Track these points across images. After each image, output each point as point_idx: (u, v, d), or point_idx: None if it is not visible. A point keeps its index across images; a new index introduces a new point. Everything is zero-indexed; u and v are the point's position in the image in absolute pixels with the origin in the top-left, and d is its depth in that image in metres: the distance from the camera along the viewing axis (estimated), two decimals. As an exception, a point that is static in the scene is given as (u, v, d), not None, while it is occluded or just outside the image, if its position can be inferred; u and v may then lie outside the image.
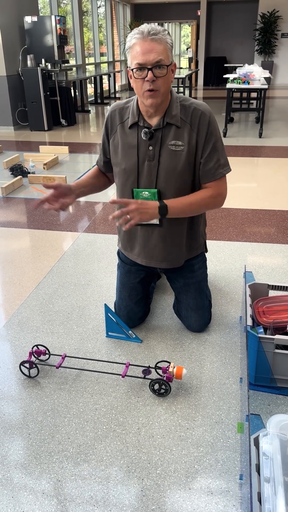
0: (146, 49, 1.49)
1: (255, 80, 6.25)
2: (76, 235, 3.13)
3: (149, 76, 1.51)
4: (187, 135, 1.66)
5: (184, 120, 1.66)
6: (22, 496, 1.30)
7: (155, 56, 1.49)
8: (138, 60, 1.51)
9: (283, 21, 13.78)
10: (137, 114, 1.68)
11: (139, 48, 1.50)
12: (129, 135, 1.72)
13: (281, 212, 3.49)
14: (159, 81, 1.54)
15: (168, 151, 1.68)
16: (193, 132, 1.66)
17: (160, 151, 1.68)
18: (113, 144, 1.77)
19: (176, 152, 1.67)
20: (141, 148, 1.70)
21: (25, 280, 2.52)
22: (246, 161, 5.09)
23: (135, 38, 1.51)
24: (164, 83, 1.55)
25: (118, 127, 1.74)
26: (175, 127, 1.66)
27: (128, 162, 1.73)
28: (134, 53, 1.52)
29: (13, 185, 4.18)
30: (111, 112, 1.76)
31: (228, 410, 1.59)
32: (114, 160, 1.79)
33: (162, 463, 1.40)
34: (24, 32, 7.15)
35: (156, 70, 1.51)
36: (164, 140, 1.68)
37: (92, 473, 1.37)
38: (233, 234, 3.08)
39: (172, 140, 1.67)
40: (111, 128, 1.77)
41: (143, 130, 1.68)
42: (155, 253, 1.86)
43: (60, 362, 1.76)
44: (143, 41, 1.49)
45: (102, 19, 12.16)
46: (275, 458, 1.07)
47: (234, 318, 2.13)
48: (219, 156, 1.69)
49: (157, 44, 1.49)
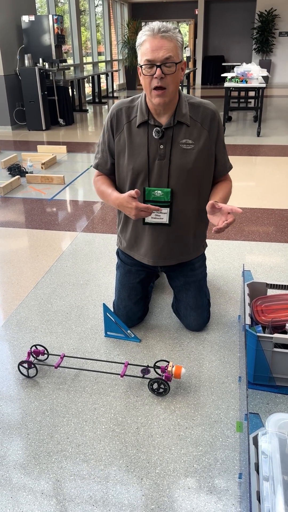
0: (156, 46, 1.49)
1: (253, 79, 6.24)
2: (75, 235, 3.12)
3: (157, 73, 1.51)
4: (198, 134, 1.68)
5: (194, 119, 1.68)
6: (21, 496, 1.30)
7: (164, 53, 1.49)
8: (147, 56, 1.51)
9: (280, 19, 13.78)
10: (147, 112, 1.67)
11: (148, 45, 1.50)
12: (137, 134, 1.70)
13: (279, 211, 3.49)
14: (167, 78, 1.53)
15: (179, 149, 1.68)
16: (204, 130, 1.69)
17: (172, 150, 1.68)
18: (119, 143, 1.74)
19: (187, 150, 1.68)
20: (152, 147, 1.69)
21: (24, 280, 2.51)
22: (244, 160, 5.09)
23: (145, 35, 1.51)
24: (172, 81, 1.55)
25: (125, 126, 1.71)
26: (185, 126, 1.67)
27: (137, 161, 1.71)
28: (143, 49, 1.52)
29: (11, 184, 4.17)
30: (117, 111, 1.73)
31: (227, 409, 1.59)
32: (120, 160, 1.76)
33: (161, 462, 1.40)
34: (22, 32, 7.13)
35: (164, 67, 1.51)
36: (176, 138, 1.68)
37: (91, 472, 1.37)
38: (231, 233, 3.08)
39: (183, 138, 1.68)
40: (117, 127, 1.73)
41: (154, 128, 1.67)
42: (163, 252, 1.86)
43: (59, 362, 1.76)
44: (153, 38, 1.50)
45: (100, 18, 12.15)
46: (274, 457, 1.07)
47: (233, 317, 2.13)
48: (226, 151, 1.81)
49: (167, 41, 1.49)
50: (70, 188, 4.25)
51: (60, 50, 7.38)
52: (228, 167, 1.83)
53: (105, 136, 1.78)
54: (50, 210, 3.64)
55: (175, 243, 1.84)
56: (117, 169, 1.79)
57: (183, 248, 1.87)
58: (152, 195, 1.74)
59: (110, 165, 1.82)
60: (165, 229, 1.80)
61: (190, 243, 1.87)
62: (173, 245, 1.84)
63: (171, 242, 1.83)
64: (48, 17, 7.00)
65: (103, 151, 1.81)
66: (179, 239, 1.83)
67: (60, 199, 3.94)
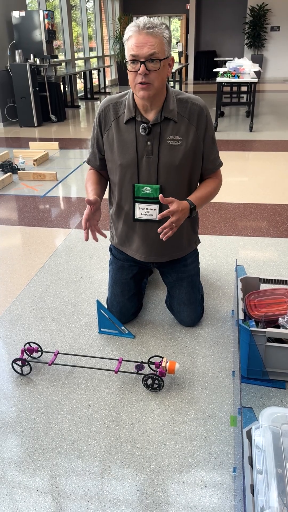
0: (141, 42, 1.49)
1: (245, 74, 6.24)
2: (68, 232, 3.11)
3: (141, 69, 1.51)
4: (185, 130, 1.68)
5: (182, 115, 1.67)
6: (16, 493, 1.30)
7: (148, 49, 1.49)
8: (132, 52, 1.51)
9: (272, 14, 13.77)
10: (134, 109, 1.67)
11: (134, 40, 1.50)
12: (125, 131, 1.70)
13: (272, 205, 3.50)
14: (151, 75, 1.53)
15: (167, 146, 1.68)
16: (191, 126, 1.68)
17: (160, 146, 1.68)
18: (108, 140, 1.74)
19: (175, 147, 1.68)
20: (139, 143, 1.69)
21: (17, 277, 2.50)
22: (237, 155, 5.09)
23: (131, 31, 1.51)
24: (157, 77, 1.54)
25: (113, 122, 1.71)
26: (172, 122, 1.67)
27: (125, 157, 1.71)
28: (129, 45, 1.52)
29: (3, 182, 4.14)
30: (104, 108, 1.73)
31: (221, 403, 1.60)
32: (109, 156, 1.76)
33: (156, 457, 1.40)
34: (12, 27, 7.07)
35: (149, 64, 1.51)
36: (163, 135, 1.67)
37: (86, 469, 1.37)
38: (224, 229, 3.08)
39: (170, 135, 1.67)
40: (105, 123, 1.74)
41: (141, 125, 1.66)
42: (154, 248, 1.85)
43: (53, 359, 1.76)
44: (138, 34, 1.49)
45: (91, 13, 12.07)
46: (267, 450, 1.07)
47: (226, 312, 2.13)
48: (216, 147, 1.78)
49: (152, 37, 1.49)
50: (63, 184, 4.23)
51: (51, 45, 7.33)
52: (218, 164, 1.81)
53: (94, 132, 1.79)
54: (43, 207, 3.62)
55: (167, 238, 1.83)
56: (108, 165, 1.80)
57: (174, 244, 1.87)
58: (141, 192, 1.74)
59: (99, 160, 1.84)
60: (155, 226, 1.80)
61: (181, 239, 1.87)
62: (164, 241, 1.84)
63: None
64: (38, 12, 6.94)
65: (93, 146, 1.83)
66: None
67: (52, 195, 3.92)
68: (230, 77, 6.17)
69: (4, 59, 7.02)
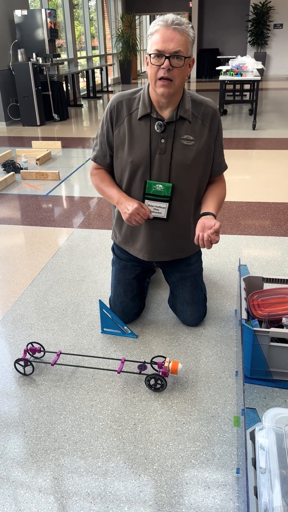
0: (167, 37, 1.49)
1: (248, 71, 6.21)
2: (70, 231, 3.11)
3: (165, 64, 1.50)
4: (199, 131, 1.68)
5: (196, 116, 1.68)
6: (19, 494, 1.30)
7: (174, 45, 1.49)
8: (157, 46, 1.50)
9: (275, 11, 13.70)
10: (149, 105, 1.66)
11: (160, 35, 1.50)
12: (138, 127, 1.68)
13: (275, 204, 3.48)
14: (174, 71, 1.52)
15: (180, 145, 1.68)
16: (204, 128, 1.69)
17: (173, 145, 1.68)
18: (118, 136, 1.72)
19: (188, 146, 1.68)
20: (153, 140, 1.68)
21: (19, 277, 2.50)
22: (240, 153, 5.07)
23: (158, 25, 1.51)
24: (179, 74, 1.54)
25: (126, 118, 1.69)
26: (187, 122, 1.67)
27: (137, 154, 1.69)
28: (154, 39, 1.51)
29: (5, 181, 4.14)
30: (117, 103, 1.70)
31: (224, 404, 1.59)
32: (119, 153, 1.74)
33: (158, 458, 1.39)
34: (14, 26, 7.06)
35: (173, 60, 1.50)
36: (177, 133, 1.67)
37: (88, 469, 1.37)
38: (227, 227, 3.07)
39: (184, 134, 1.67)
40: (117, 119, 1.71)
41: (157, 122, 1.66)
42: (159, 247, 1.85)
43: (55, 359, 1.76)
44: (165, 29, 1.49)
45: (93, 12, 12.05)
46: (271, 451, 1.07)
47: (229, 311, 2.13)
48: (223, 151, 1.82)
49: (178, 34, 1.49)
50: (66, 183, 4.23)
51: (54, 44, 7.32)
52: (223, 167, 1.84)
53: (104, 128, 1.75)
54: (46, 206, 3.62)
55: (171, 238, 1.83)
56: (115, 161, 1.78)
57: (179, 244, 1.86)
58: (152, 189, 1.73)
59: (109, 157, 1.79)
60: (162, 224, 1.79)
61: (186, 239, 1.86)
62: (169, 240, 1.83)
63: (167, 237, 1.82)
64: (41, 11, 6.93)
65: (102, 143, 1.78)
66: (175, 235, 1.83)
67: (55, 195, 3.92)
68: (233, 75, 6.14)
69: (6, 58, 7.02)
